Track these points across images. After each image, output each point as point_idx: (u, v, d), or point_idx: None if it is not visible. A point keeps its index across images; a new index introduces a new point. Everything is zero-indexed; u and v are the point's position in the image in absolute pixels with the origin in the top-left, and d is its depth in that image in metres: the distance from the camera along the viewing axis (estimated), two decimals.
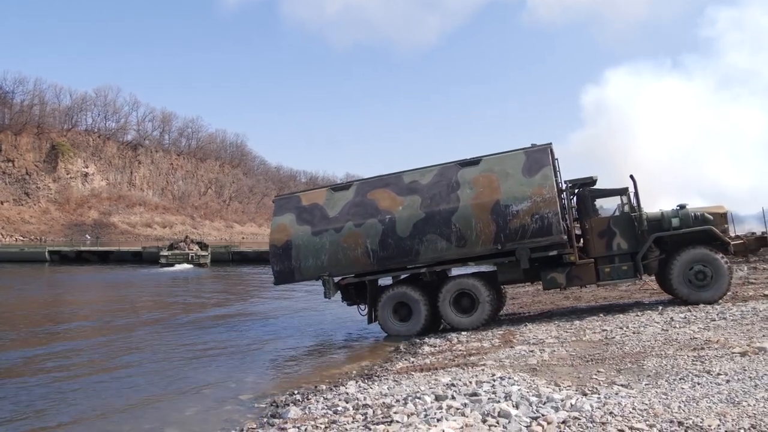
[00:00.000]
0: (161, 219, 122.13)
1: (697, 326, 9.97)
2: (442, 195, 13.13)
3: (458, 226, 12.84)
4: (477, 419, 5.74)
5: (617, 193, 13.24)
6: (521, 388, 6.81)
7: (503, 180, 12.85)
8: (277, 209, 14.64)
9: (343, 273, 13.78)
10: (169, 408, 8.29)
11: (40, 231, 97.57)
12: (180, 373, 10.53)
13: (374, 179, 14.48)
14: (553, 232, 12.37)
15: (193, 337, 14.05)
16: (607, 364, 7.94)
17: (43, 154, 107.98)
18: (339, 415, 6.67)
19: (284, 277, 14.14)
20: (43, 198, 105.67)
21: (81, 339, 14.50)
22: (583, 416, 5.53)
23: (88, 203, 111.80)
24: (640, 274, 12.77)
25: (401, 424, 5.83)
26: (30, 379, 10.19)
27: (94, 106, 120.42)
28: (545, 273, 12.94)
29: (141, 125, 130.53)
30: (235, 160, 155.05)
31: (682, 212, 12.86)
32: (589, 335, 10.34)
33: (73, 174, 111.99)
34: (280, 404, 8.00)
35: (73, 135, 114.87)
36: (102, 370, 10.83)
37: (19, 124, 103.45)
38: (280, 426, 6.49)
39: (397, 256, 13.27)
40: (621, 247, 12.80)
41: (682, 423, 5.15)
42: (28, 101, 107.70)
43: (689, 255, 12.32)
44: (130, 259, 45.76)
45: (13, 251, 51.12)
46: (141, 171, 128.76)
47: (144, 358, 11.86)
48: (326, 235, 13.62)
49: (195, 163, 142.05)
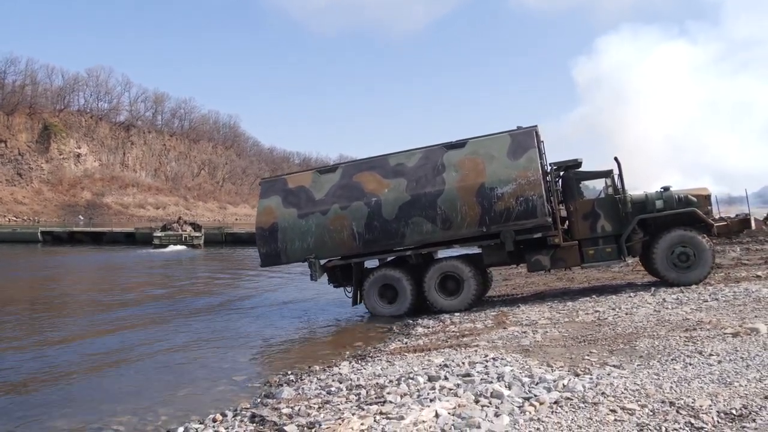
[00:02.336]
0: (154, 200, 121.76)
1: (689, 307, 10.01)
2: (427, 178, 13.13)
3: (444, 209, 12.85)
4: (470, 399, 5.76)
5: (602, 176, 13.28)
6: (514, 369, 6.83)
7: (488, 163, 12.84)
8: (263, 192, 14.63)
9: (329, 255, 13.82)
10: (163, 389, 8.29)
11: (33, 212, 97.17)
12: (173, 354, 10.52)
13: (360, 162, 14.53)
14: (538, 215, 12.39)
15: (185, 319, 14.03)
16: (599, 345, 7.97)
17: (35, 134, 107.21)
18: (332, 395, 6.69)
19: (271, 259, 14.17)
20: (36, 179, 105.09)
21: (71, 322, 14.46)
22: (576, 397, 5.55)
23: (81, 184, 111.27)
24: (624, 256, 12.84)
25: (394, 404, 5.84)
26: (21, 361, 10.18)
27: (86, 86, 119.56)
28: (530, 255, 13.00)
29: (133, 106, 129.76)
30: (228, 141, 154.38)
31: (666, 194, 12.91)
32: (582, 316, 10.38)
33: (66, 155, 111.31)
34: (273, 384, 8.02)
35: (66, 115, 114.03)
36: (94, 353, 10.80)
37: (11, 105, 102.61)
38: (273, 406, 6.49)
39: (383, 239, 13.30)
40: (605, 230, 12.86)
41: (674, 403, 5.18)
42: (20, 81, 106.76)
43: (671, 237, 12.41)
44: (123, 240, 45.61)
45: (6, 231, 50.95)
46: (134, 152, 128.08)
47: (136, 340, 11.83)
48: (312, 218, 13.63)
49: (188, 144, 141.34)
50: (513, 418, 5.15)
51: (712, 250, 12.45)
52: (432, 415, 5.33)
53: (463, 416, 5.22)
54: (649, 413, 5.02)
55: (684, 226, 12.53)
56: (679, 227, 12.51)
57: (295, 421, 5.71)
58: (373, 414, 5.56)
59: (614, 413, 5.06)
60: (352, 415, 5.62)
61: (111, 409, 7.40)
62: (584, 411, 5.18)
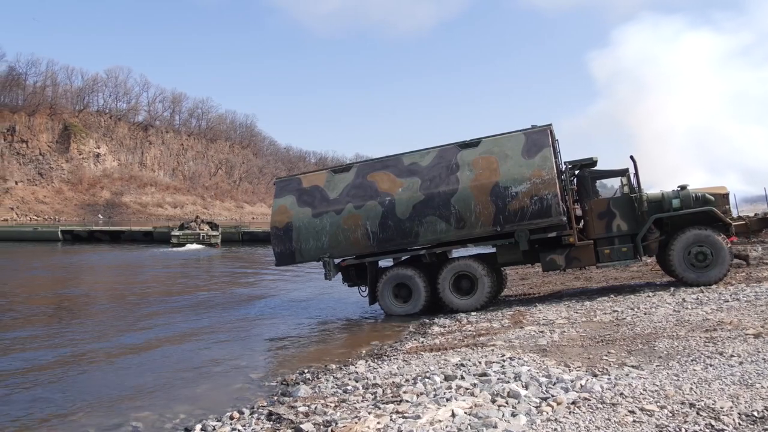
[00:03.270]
0: (172, 199, 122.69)
1: (709, 307, 9.89)
2: (441, 177, 13.10)
3: (457, 208, 12.82)
4: (486, 399, 5.73)
5: (617, 174, 13.18)
6: (531, 369, 6.78)
7: (502, 162, 12.78)
8: (278, 191, 14.68)
9: (343, 255, 13.83)
10: (181, 386, 8.34)
11: (54, 211, 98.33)
12: (191, 352, 10.59)
13: (374, 161, 14.54)
14: (552, 214, 12.31)
15: (203, 318, 14.11)
16: (617, 345, 7.89)
17: (56, 134, 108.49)
18: (349, 394, 6.69)
19: (285, 258, 14.20)
20: (57, 178, 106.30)
21: (90, 320, 14.61)
22: (594, 397, 5.51)
23: (101, 183, 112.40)
24: (639, 255, 12.73)
25: (411, 403, 5.83)
26: (42, 358, 10.28)
27: (105, 87, 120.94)
28: (544, 254, 12.92)
29: (152, 106, 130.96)
30: (245, 140, 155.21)
31: (683, 193, 12.77)
32: (600, 316, 10.29)
33: (86, 154, 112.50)
34: (290, 383, 8.04)
35: (85, 116, 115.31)
36: (112, 351, 10.90)
37: (32, 106, 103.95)
38: (290, 404, 6.50)
39: (397, 238, 13.29)
40: (621, 229, 12.76)
41: (694, 405, 5.12)
42: (40, 83, 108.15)
43: (687, 236, 12.28)
44: (141, 239, 45.96)
45: (27, 231, 51.49)
46: (152, 151, 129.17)
47: (154, 338, 11.92)
48: (327, 217, 13.65)
49: (205, 144, 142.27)
50: (530, 418, 5.11)
51: (730, 254, 12.28)
52: (448, 414, 5.31)
53: (480, 416, 5.20)
54: (668, 414, 4.96)
55: (701, 225, 12.39)
56: (695, 226, 12.38)
57: (311, 420, 5.72)
58: (389, 413, 5.55)
59: (633, 414, 5.01)
60: (369, 413, 5.62)
61: (129, 405, 7.46)
62: (602, 412, 5.13)
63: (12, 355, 10.45)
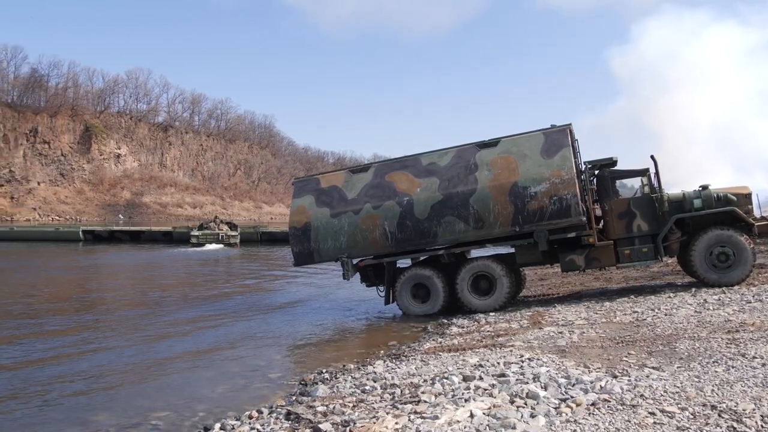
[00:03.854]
0: (191, 199, 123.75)
1: (731, 308, 9.77)
2: (460, 177, 13.06)
3: (476, 208, 12.77)
4: (505, 400, 5.71)
5: (638, 174, 13.06)
6: (550, 370, 6.74)
7: (521, 161, 12.72)
8: (296, 191, 14.72)
9: (361, 255, 13.84)
10: (200, 385, 8.41)
11: (75, 211, 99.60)
12: (210, 352, 10.66)
13: (392, 161, 14.54)
14: (572, 214, 12.23)
15: (222, 317, 14.20)
16: (638, 346, 7.82)
17: (77, 135, 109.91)
18: (367, 394, 6.70)
19: (304, 258, 14.25)
20: (78, 179, 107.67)
21: (110, 317, 14.79)
22: (613, 398, 5.46)
23: (121, 184, 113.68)
24: (660, 256, 12.60)
25: (429, 404, 5.82)
26: (63, 358, 10.42)
27: (125, 88, 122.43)
28: (564, 255, 12.84)
29: (171, 107, 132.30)
30: (264, 141, 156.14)
31: (705, 193, 12.63)
32: (620, 317, 10.21)
33: (106, 155, 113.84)
34: (308, 383, 8.06)
35: (106, 117, 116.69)
36: (132, 350, 11.01)
37: (54, 107, 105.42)
38: (308, 404, 6.53)
39: (415, 238, 13.28)
40: (641, 229, 12.64)
41: (716, 407, 5.06)
42: (62, 84, 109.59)
43: (709, 237, 12.15)
44: (161, 239, 46.37)
45: (49, 230, 52.24)
46: (171, 152, 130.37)
47: (174, 338, 12.02)
48: (345, 217, 13.67)
49: (224, 144, 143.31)
50: (549, 419, 5.09)
51: (753, 255, 12.14)
52: (467, 415, 5.30)
53: (498, 417, 5.18)
54: (689, 416, 4.91)
55: (724, 225, 12.25)
56: (717, 227, 12.24)
57: (329, 419, 5.73)
58: (407, 413, 5.55)
59: (653, 416, 4.96)
60: (387, 414, 5.62)
61: (149, 405, 7.54)
62: (622, 413, 5.09)
63: (34, 354, 10.60)
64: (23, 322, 13.77)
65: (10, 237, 48.76)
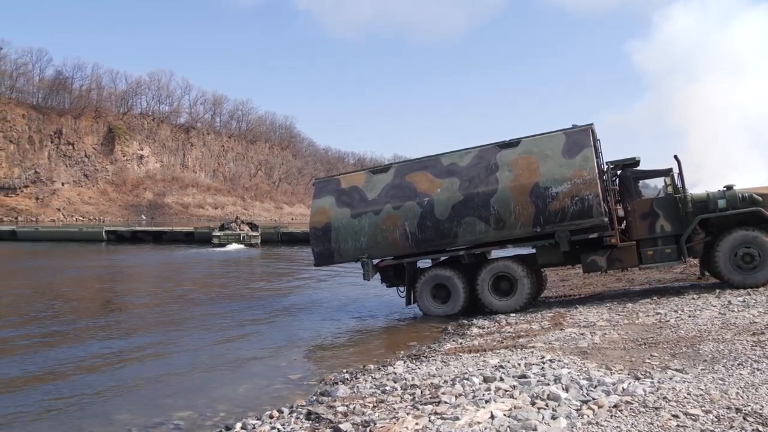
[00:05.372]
0: (213, 200, 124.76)
1: (757, 310, 9.63)
2: (480, 177, 13.01)
3: (497, 209, 12.72)
4: (526, 401, 5.68)
5: (661, 174, 12.91)
6: (571, 371, 6.70)
7: (543, 162, 12.65)
8: (316, 192, 14.76)
9: (381, 255, 13.85)
10: (221, 386, 8.47)
11: (98, 211, 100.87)
12: (230, 352, 10.72)
13: (413, 162, 14.52)
14: (594, 215, 12.14)
15: (243, 318, 14.28)
16: (660, 348, 7.74)
17: (100, 137, 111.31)
18: (387, 394, 6.70)
19: (324, 259, 14.28)
20: (101, 180, 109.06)
21: (135, 319, 14.94)
22: (636, 400, 5.41)
23: (144, 185, 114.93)
24: (684, 257, 12.46)
25: (449, 404, 5.81)
26: (86, 356, 10.55)
27: (148, 89, 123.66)
28: (585, 256, 12.75)
29: (193, 108, 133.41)
30: (284, 142, 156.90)
31: (729, 193, 12.44)
32: (643, 318, 10.11)
33: (129, 156, 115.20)
34: (328, 383, 8.08)
35: (129, 118, 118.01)
36: (154, 350, 11.11)
37: (78, 109, 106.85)
38: (329, 404, 6.54)
39: (436, 239, 13.25)
40: (664, 230, 12.50)
41: (741, 410, 4.99)
42: (86, 86, 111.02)
43: (733, 237, 11.98)
44: (183, 239, 46.71)
45: (73, 231, 52.92)
46: (193, 153, 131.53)
47: (194, 336, 12.12)
48: (365, 218, 13.68)
49: (245, 145, 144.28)
50: (570, 421, 5.05)
51: None
52: (487, 416, 5.28)
53: (519, 418, 5.15)
54: (713, 419, 4.85)
55: (749, 226, 12.08)
56: (742, 227, 12.07)
57: (350, 420, 5.74)
58: (427, 414, 5.54)
59: (676, 419, 4.91)
60: (407, 414, 5.62)
61: (171, 404, 7.61)
62: (645, 416, 5.04)
63: (59, 352, 10.74)
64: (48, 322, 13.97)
65: (36, 237, 49.48)
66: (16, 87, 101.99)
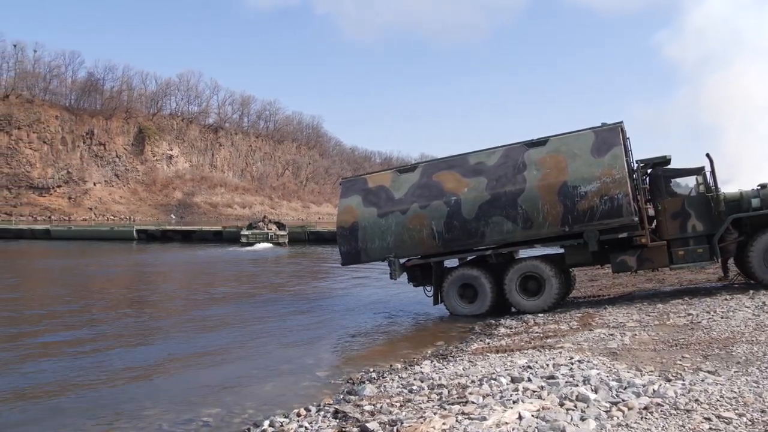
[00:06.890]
0: (241, 199, 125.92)
1: None
2: (508, 176, 12.91)
3: (524, 208, 12.61)
4: (554, 402, 5.63)
5: (692, 173, 12.69)
6: (600, 372, 6.63)
7: (571, 161, 12.51)
8: (343, 191, 14.80)
9: (408, 254, 13.82)
10: (249, 384, 8.54)
11: (129, 211, 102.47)
12: (259, 350, 10.81)
13: (440, 161, 14.47)
14: (623, 214, 11.97)
15: (271, 316, 14.38)
16: (692, 349, 7.62)
17: (131, 137, 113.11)
18: (414, 394, 6.69)
19: (351, 258, 14.31)
20: (132, 179, 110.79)
21: (165, 317, 15.14)
22: (667, 403, 5.33)
23: (173, 184, 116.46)
24: (716, 257, 12.24)
25: (476, 405, 5.78)
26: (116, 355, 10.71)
27: (177, 90, 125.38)
28: (615, 255, 12.59)
29: (221, 108, 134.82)
30: (312, 141, 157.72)
31: (764, 192, 12.18)
32: (674, 319, 9.96)
33: (159, 156, 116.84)
34: (356, 382, 8.10)
35: (159, 119, 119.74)
36: (183, 348, 11.24)
37: (109, 110, 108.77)
38: (356, 403, 6.56)
39: (463, 238, 13.19)
40: (696, 229, 12.29)
41: None
42: (117, 87, 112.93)
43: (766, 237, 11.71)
44: (211, 239, 47.27)
45: (104, 230, 53.95)
46: (222, 153, 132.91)
47: (222, 335, 12.22)
48: (392, 217, 13.66)
49: (273, 145, 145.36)
50: (599, 422, 4.99)
51: None
52: (515, 416, 5.25)
53: (547, 419, 5.11)
54: (747, 423, 4.76)
55: None
56: None
57: (377, 419, 5.74)
58: (455, 414, 5.52)
59: (709, 421, 4.82)
60: (434, 414, 5.61)
61: (200, 401, 7.69)
62: (676, 418, 4.96)
63: (90, 353, 10.93)
64: (79, 318, 14.23)
65: (69, 236, 50.49)
66: (49, 89, 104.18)
